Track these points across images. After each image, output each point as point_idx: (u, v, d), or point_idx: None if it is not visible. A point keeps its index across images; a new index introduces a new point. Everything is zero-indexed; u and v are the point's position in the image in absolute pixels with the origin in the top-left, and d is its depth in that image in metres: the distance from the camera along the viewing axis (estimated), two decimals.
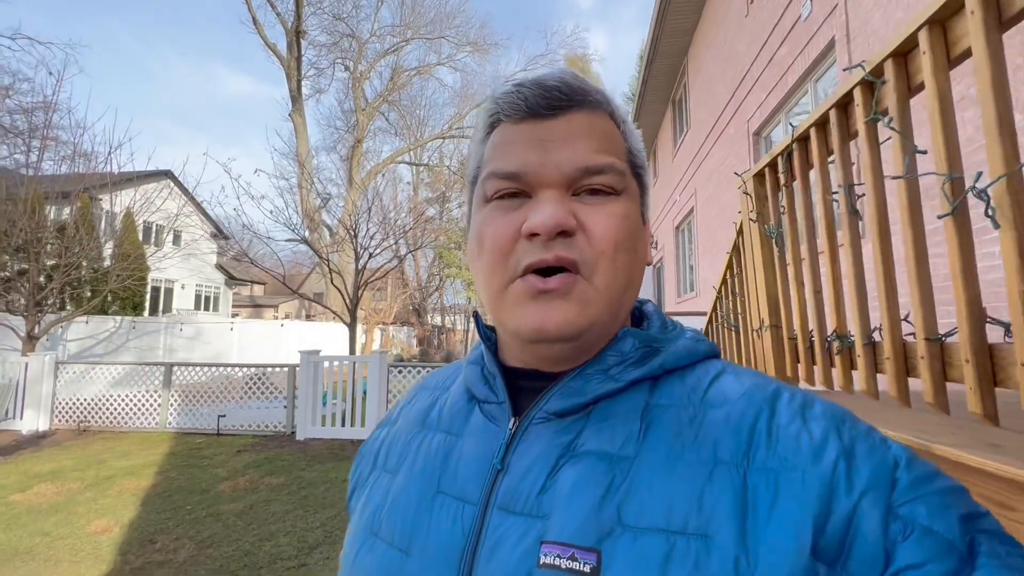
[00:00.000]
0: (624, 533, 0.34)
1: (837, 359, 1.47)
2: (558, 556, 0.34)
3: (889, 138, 1.15)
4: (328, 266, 9.11)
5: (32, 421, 7.10)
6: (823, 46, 4.04)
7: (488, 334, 0.50)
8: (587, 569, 0.33)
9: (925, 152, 1.07)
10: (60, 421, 7.30)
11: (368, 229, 9.21)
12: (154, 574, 3.06)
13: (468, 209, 0.48)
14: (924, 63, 1.05)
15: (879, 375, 1.31)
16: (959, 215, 0.97)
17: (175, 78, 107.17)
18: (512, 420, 0.43)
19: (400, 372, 6.95)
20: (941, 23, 1.03)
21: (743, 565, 0.31)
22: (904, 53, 1.13)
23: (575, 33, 62.62)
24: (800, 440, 0.35)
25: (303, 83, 19.02)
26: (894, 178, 1.10)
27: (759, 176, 1.95)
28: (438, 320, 26.33)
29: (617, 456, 0.38)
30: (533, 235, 0.39)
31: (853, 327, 1.36)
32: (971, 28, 0.92)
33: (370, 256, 8.81)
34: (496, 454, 0.42)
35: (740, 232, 2.30)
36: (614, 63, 73.86)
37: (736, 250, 2.42)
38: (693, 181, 8.49)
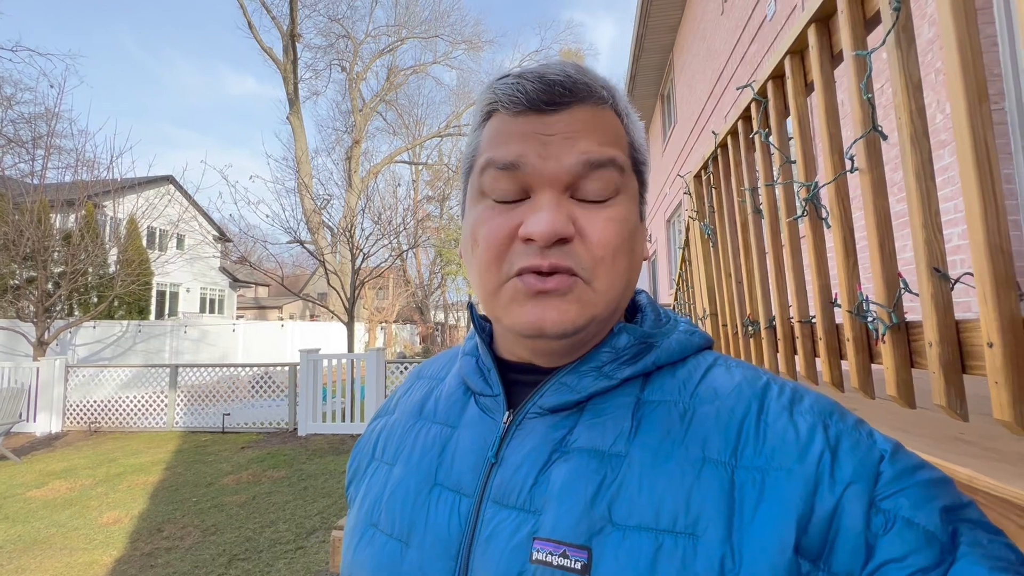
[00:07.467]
0: (614, 531, 0.34)
1: (751, 341, 1.66)
2: (550, 553, 0.34)
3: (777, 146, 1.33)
4: (325, 267, 9.34)
5: (45, 423, 7.39)
6: None
7: (483, 324, 0.50)
8: (578, 567, 0.33)
9: (795, 162, 1.25)
10: (72, 423, 7.59)
11: (363, 229, 9.45)
12: (162, 558, 3.29)
13: (463, 199, 0.47)
14: (789, 87, 1.23)
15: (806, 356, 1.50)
16: (813, 216, 1.16)
17: (180, 82, 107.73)
18: (506, 413, 0.43)
19: (400, 367, 7.18)
20: (800, 53, 1.21)
21: (728, 563, 0.31)
22: (780, 76, 1.32)
23: (569, 28, 62.98)
24: (787, 437, 0.35)
25: (300, 85, 19.18)
26: (767, 185, 1.28)
27: (697, 177, 2.14)
28: (441, 317, 26.58)
29: (608, 454, 0.38)
30: (529, 240, 0.39)
31: (761, 314, 1.55)
32: (812, 62, 1.11)
33: (365, 256, 9.02)
34: (491, 447, 0.42)
35: (688, 228, 2.49)
36: (621, 51, 73.75)
37: (686, 245, 2.61)
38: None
